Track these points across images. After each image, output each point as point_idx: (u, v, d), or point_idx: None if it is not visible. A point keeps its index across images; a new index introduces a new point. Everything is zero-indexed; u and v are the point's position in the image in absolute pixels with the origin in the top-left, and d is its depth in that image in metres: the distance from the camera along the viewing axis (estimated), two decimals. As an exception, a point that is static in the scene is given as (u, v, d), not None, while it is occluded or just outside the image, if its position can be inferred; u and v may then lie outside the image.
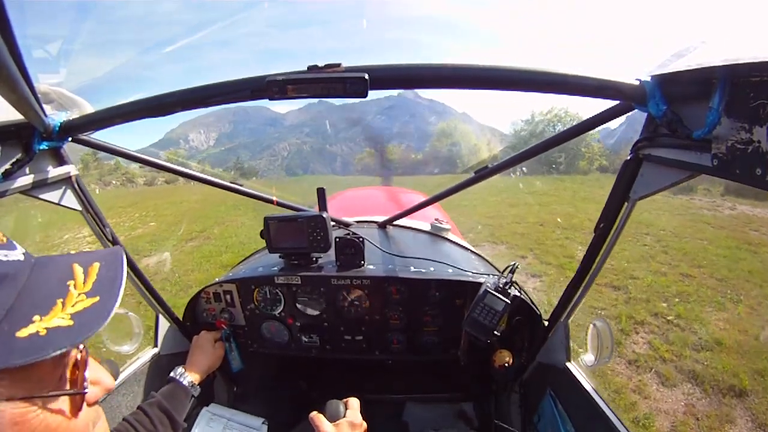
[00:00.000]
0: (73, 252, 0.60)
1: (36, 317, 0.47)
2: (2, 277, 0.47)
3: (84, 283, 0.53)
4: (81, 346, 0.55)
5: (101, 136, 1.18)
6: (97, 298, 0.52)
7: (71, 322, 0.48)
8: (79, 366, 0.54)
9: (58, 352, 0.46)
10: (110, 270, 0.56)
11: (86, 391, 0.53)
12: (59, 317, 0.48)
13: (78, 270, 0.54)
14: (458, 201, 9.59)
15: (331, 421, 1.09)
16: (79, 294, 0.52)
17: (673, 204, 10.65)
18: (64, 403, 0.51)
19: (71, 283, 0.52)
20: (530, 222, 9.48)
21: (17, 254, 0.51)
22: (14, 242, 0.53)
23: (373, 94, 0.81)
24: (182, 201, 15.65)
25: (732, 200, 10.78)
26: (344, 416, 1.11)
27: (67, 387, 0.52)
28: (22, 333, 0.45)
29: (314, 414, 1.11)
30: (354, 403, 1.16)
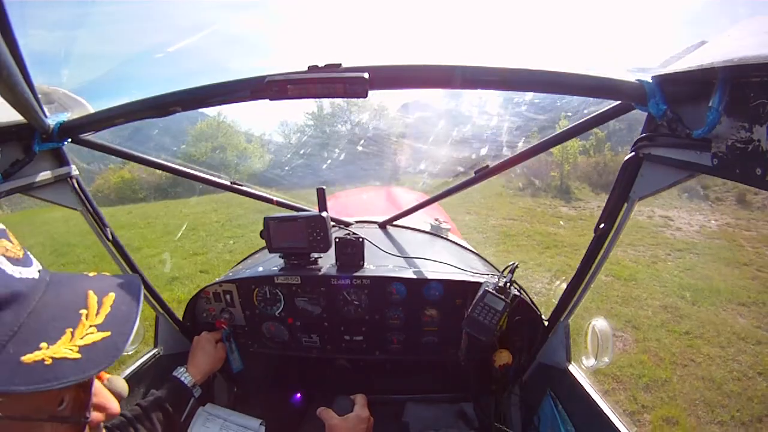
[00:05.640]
0: (91, 274, 0.59)
1: (43, 344, 0.45)
2: (14, 296, 0.45)
3: (97, 314, 0.51)
4: None
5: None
6: (108, 333, 0.50)
7: (78, 355, 0.46)
8: (82, 391, 0.53)
9: (62, 386, 0.44)
10: (125, 304, 0.55)
11: (88, 420, 0.52)
12: (67, 348, 0.46)
13: (93, 298, 0.52)
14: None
15: (339, 416, 1.14)
16: (90, 326, 0.50)
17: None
18: (63, 427, 0.50)
19: (84, 312, 0.50)
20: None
21: (32, 272, 0.50)
22: (31, 257, 0.52)
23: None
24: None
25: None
26: (352, 411, 1.16)
27: (68, 413, 0.51)
28: (28, 359, 0.43)
29: (322, 408, 1.17)
30: (361, 398, 1.21)
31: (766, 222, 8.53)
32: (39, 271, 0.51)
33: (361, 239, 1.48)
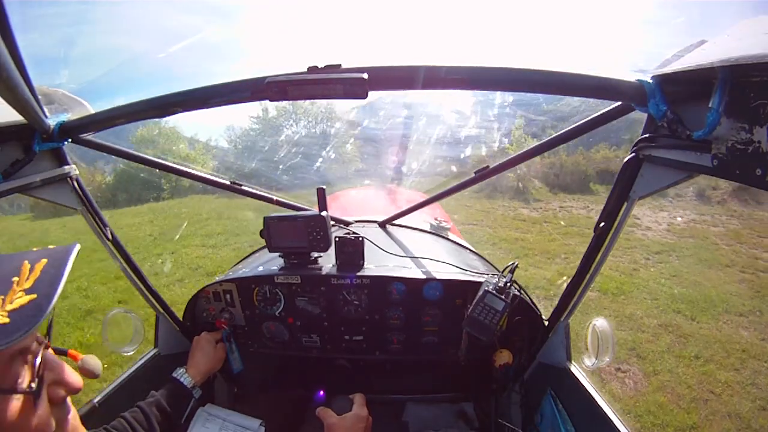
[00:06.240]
0: (35, 249, 0.60)
1: None
2: None
3: (27, 279, 0.53)
4: (40, 347, 0.56)
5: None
6: (35, 296, 0.51)
7: (7, 320, 0.48)
8: (36, 364, 0.55)
9: None
10: (55, 267, 0.55)
11: (31, 390, 0.53)
12: None
13: (26, 266, 0.54)
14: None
15: (338, 415, 1.15)
16: (20, 291, 0.51)
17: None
18: (19, 401, 0.51)
19: (16, 279, 0.52)
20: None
21: None
22: None
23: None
24: None
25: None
26: (350, 410, 1.16)
27: (22, 385, 0.52)
28: None
29: (321, 408, 1.18)
30: (359, 398, 1.22)
31: (729, 217, 8.52)
32: None
33: (361, 239, 1.48)
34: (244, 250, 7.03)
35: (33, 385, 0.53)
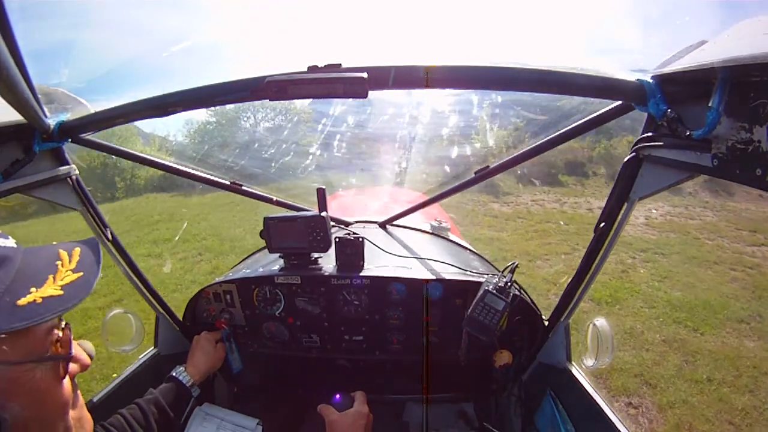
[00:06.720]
0: (55, 242, 0.70)
1: (33, 289, 0.57)
2: (2, 258, 0.57)
3: (69, 262, 0.64)
4: (63, 325, 0.65)
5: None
6: (81, 274, 0.63)
7: (61, 292, 0.59)
8: (62, 341, 0.64)
9: (54, 316, 0.56)
10: (90, 254, 0.68)
11: (72, 354, 0.63)
12: (52, 288, 0.58)
13: (63, 253, 0.65)
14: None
15: (339, 412, 1.16)
16: (66, 270, 0.62)
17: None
18: (51, 370, 0.61)
19: (59, 262, 0.63)
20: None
21: (10, 242, 0.62)
22: (6, 234, 0.63)
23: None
24: None
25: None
26: (351, 407, 1.18)
27: (59, 354, 0.62)
28: (22, 302, 0.54)
29: (322, 405, 1.20)
30: (360, 395, 1.24)
31: (702, 208, 8.37)
32: (15, 243, 0.63)
33: (361, 239, 1.48)
34: (190, 260, 6.57)
35: (71, 351, 0.63)
